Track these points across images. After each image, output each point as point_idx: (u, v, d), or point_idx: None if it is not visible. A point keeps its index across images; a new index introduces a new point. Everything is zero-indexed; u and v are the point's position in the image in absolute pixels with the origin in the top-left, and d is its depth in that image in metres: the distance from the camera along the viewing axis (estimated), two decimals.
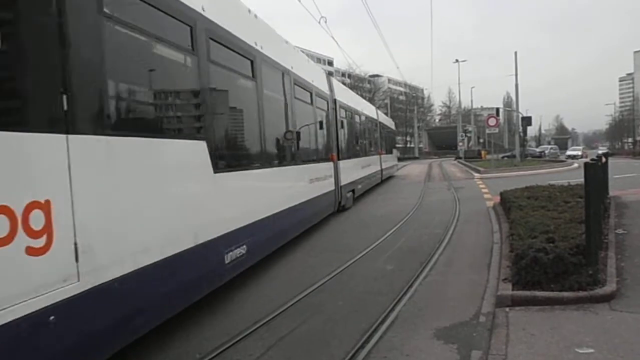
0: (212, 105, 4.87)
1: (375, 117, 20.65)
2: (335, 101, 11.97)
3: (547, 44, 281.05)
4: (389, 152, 25.52)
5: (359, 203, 14.05)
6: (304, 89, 9.00)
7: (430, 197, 14.99)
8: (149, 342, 3.87)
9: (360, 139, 16.24)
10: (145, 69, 3.88)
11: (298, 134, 7.99)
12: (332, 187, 10.83)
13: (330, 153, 11.08)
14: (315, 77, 10.20)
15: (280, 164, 7.14)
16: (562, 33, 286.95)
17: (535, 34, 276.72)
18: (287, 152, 7.62)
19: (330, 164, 10.92)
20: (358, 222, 10.75)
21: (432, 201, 13.92)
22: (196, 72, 4.61)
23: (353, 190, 13.30)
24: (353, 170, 13.74)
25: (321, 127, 10.32)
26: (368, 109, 19.20)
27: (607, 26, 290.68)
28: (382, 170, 20.40)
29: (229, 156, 5.36)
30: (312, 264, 6.96)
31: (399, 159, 63.92)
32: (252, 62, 6.01)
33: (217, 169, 4.73)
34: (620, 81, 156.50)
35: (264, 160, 6.41)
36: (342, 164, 12.02)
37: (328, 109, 11.26)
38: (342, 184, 11.72)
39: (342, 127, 12.86)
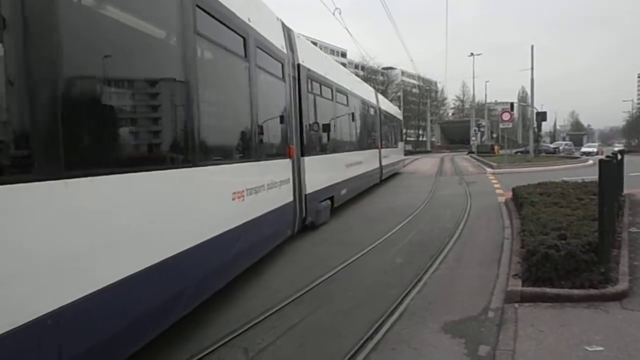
0: None
1: (374, 101, 16.70)
2: (298, 67, 8.23)
3: (564, 37, 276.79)
4: (393, 145, 21.66)
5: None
6: (225, 26, 4.94)
7: (441, 192, 14.94)
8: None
9: (346, 128, 12.13)
10: None
11: (195, 103, 4.14)
12: (290, 198, 7.23)
13: (286, 146, 7.35)
14: (256, 18, 5.99)
15: (140, 166, 3.35)
16: (577, 26, 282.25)
17: (550, 26, 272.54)
18: (166, 141, 3.90)
19: (287, 161, 7.29)
20: (365, 216, 10.75)
21: (444, 195, 13.88)
22: None
23: (332, 198, 9.89)
24: (331, 169, 10.24)
25: (267, 102, 6.46)
26: (362, 90, 14.91)
27: (625, 19, 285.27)
28: (381, 167, 17.19)
29: None
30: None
31: (410, 153, 63.64)
32: None
33: None
34: (638, 77, 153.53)
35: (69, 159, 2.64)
36: (310, 161, 8.42)
37: (284, 76, 7.42)
38: (309, 191, 8.23)
39: (312, 107, 9.11)
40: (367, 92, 16.17)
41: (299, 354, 3.73)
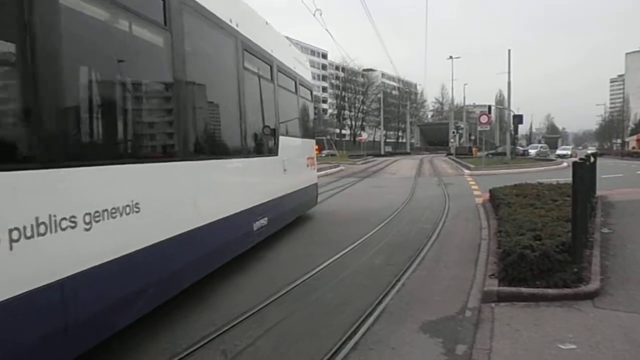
0: None
1: None
2: None
3: (539, 40, 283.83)
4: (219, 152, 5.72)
5: None
6: None
7: (420, 193, 15.07)
8: (134, 332, 3.87)
9: None
10: None
11: None
12: None
13: None
14: None
15: None
16: (553, 30, 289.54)
17: (526, 30, 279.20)
18: None
19: None
20: None
21: (423, 197, 14.00)
22: None
23: None
24: None
25: None
26: None
27: (598, 25, 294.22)
28: None
29: None
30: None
31: (390, 154, 63.91)
32: None
33: None
34: (611, 82, 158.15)
35: None
36: None
37: None
38: None
39: None
40: None
41: (277, 355, 3.71)
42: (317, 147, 11.98)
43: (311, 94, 11.08)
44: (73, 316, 2.90)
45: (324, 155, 52.49)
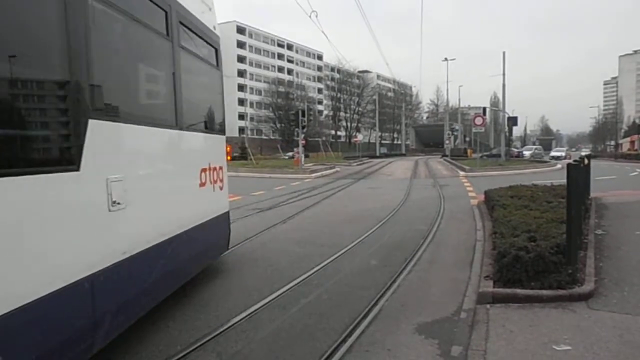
0: None
1: None
2: None
3: (534, 43, 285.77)
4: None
5: None
6: None
7: (416, 195, 15.10)
8: (128, 334, 3.84)
9: None
10: None
11: None
12: None
13: None
14: None
15: None
16: (548, 33, 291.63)
17: (521, 32, 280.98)
18: None
19: None
20: None
21: (418, 198, 14.02)
22: None
23: None
24: None
25: None
26: None
27: (593, 28, 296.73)
28: None
29: None
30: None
31: (386, 155, 63.94)
32: None
33: None
34: (604, 85, 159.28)
35: None
36: None
37: None
38: None
39: None
40: None
41: (272, 358, 3.70)
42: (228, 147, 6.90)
43: (217, 54, 6.19)
44: None
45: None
